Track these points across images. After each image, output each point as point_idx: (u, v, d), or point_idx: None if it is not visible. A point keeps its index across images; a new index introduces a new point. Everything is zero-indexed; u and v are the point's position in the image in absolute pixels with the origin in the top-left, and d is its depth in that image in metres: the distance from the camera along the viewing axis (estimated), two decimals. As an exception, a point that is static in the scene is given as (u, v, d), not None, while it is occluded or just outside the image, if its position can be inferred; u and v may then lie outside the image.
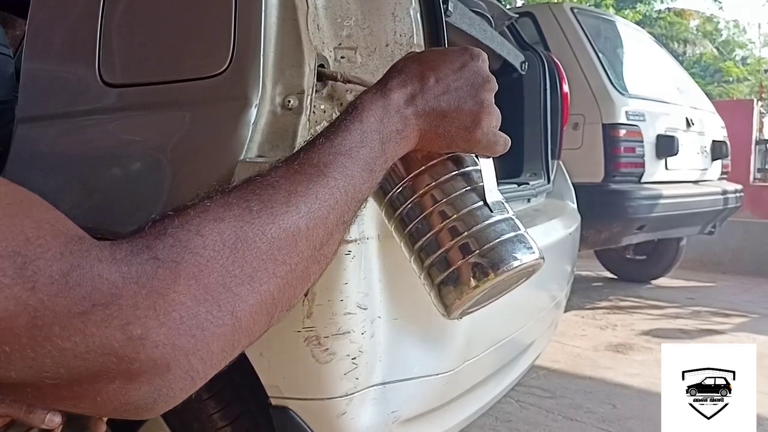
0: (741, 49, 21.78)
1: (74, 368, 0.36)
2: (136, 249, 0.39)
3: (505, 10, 2.03)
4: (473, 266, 0.59)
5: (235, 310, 0.41)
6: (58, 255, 0.36)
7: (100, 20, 1.01)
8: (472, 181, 0.63)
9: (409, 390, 0.97)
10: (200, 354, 0.40)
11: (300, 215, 0.46)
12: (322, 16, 0.92)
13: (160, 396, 0.40)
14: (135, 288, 0.37)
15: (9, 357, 0.35)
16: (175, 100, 0.95)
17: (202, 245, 0.41)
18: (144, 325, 0.37)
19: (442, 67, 0.59)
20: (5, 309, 0.34)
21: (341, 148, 0.51)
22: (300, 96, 0.88)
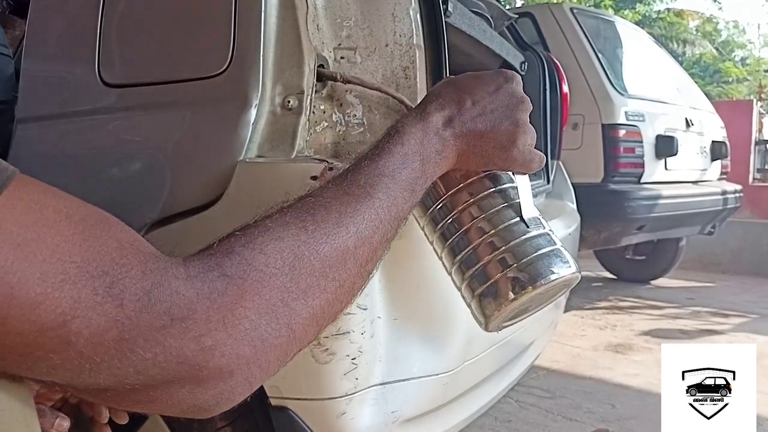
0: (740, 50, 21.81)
1: (152, 375, 0.40)
2: (207, 266, 0.43)
3: (504, 10, 2.03)
4: (512, 280, 0.62)
5: (291, 323, 0.45)
6: (140, 273, 0.39)
7: (100, 20, 1.01)
8: (509, 197, 0.65)
9: (409, 390, 0.97)
10: (259, 362, 0.44)
11: (349, 235, 0.49)
12: (322, 16, 0.92)
13: (221, 399, 0.44)
14: (207, 303, 0.41)
15: (99, 366, 0.38)
16: (175, 100, 0.95)
17: (264, 263, 0.44)
18: (214, 336, 0.41)
19: (478, 90, 0.62)
20: (98, 325, 0.37)
21: (385, 170, 0.54)
22: (300, 96, 0.88)
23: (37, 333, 0.36)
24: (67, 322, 0.36)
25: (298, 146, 0.88)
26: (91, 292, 0.37)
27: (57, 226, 0.37)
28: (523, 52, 1.99)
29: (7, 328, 0.35)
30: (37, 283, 0.35)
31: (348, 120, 0.94)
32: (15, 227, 0.36)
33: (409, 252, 0.94)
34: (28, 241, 0.36)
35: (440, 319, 1.01)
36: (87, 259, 0.37)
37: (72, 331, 0.36)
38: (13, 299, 0.35)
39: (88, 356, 0.37)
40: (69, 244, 0.37)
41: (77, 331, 0.37)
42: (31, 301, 0.35)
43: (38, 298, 0.35)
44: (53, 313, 0.36)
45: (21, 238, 0.35)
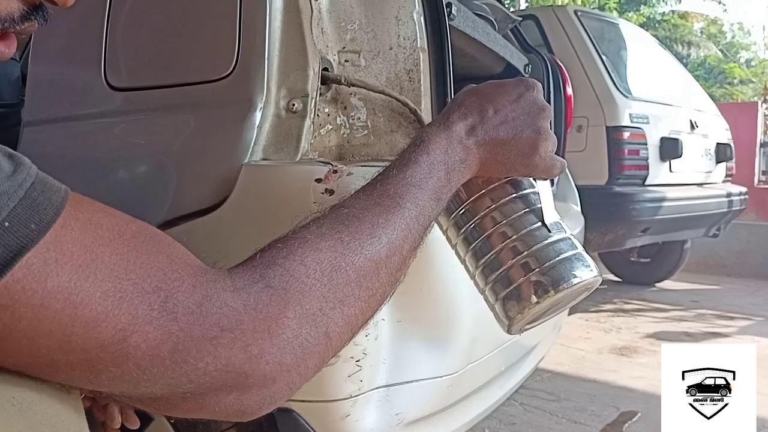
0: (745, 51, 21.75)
1: (202, 384, 0.42)
2: (252, 278, 0.45)
3: (508, 13, 2.03)
4: (535, 284, 0.63)
5: (328, 331, 0.47)
6: (191, 287, 0.41)
7: (106, 24, 1.02)
8: (530, 203, 0.66)
9: (413, 392, 0.97)
10: (299, 369, 0.46)
11: (381, 245, 0.51)
12: (326, 20, 0.93)
13: (264, 403, 0.46)
14: (254, 314, 0.43)
15: (155, 377, 0.40)
16: (180, 104, 0.96)
17: (305, 274, 0.46)
18: (260, 346, 0.43)
19: (500, 99, 0.63)
20: (154, 338, 0.39)
21: (412, 180, 0.56)
22: (304, 99, 0.89)
23: (100, 349, 0.38)
24: (126, 337, 0.38)
25: (302, 149, 0.89)
26: (147, 308, 0.39)
27: (112, 245, 0.39)
28: (527, 55, 1.99)
29: (71, 345, 0.37)
30: (98, 302, 0.37)
31: (352, 123, 0.94)
32: (75, 248, 0.37)
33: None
34: (88, 261, 0.37)
35: (444, 321, 1.01)
36: (142, 276, 0.39)
37: (131, 345, 0.38)
38: (77, 318, 0.36)
39: (145, 368, 0.39)
40: (125, 262, 0.39)
41: (136, 345, 0.38)
42: (93, 319, 0.37)
43: (100, 316, 0.37)
44: (114, 329, 0.37)
45: (81, 259, 0.37)
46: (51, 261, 0.36)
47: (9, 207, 0.35)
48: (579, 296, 0.70)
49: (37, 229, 0.35)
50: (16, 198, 0.35)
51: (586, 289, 0.68)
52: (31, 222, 0.35)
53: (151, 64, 1.00)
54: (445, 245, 0.95)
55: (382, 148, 0.95)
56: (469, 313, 1.05)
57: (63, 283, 0.36)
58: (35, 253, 0.35)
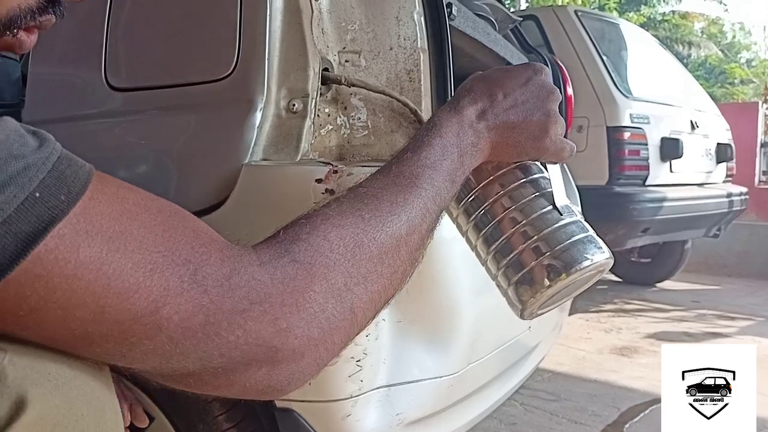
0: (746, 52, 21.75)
1: (233, 358, 0.42)
2: (278, 253, 0.45)
3: (508, 13, 2.04)
4: (547, 267, 0.63)
5: (353, 307, 0.47)
6: (219, 261, 0.42)
7: (107, 24, 1.02)
8: (540, 187, 0.66)
9: (414, 392, 0.97)
10: (326, 344, 0.46)
11: (401, 223, 0.52)
12: (327, 20, 0.93)
13: (293, 379, 0.46)
14: (281, 287, 0.43)
15: (187, 350, 0.40)
16: (181, 104, 0.96)
17: (329, 249, 0.47)
18: (288, 319, 0.43)
19: (509, 83, 0.64)
20: (186, 310, 0.39)
21: (427, 162, 0.56)
22: (304, 99, 0.89)
23: (133, 320, 0.38)
24: (159, 308, 0.38)
25: (302, 149, 0.89)
26: (177, 280, 0.39)
27: (139, 218, 0.39)
28: (528, 55, 2.00)
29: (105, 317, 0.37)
30: (130, 273, 0.37)
31: (352, 123, 0.94)
32: (104, 220, 0.37)
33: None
34: (117, 233, 0.38)
35: (444, 321, 1.01)
36: (170, 249, 0.40)
37: (163, 317, 0.39)
38: (110, 289, 0.37)
39: (177, 341, 0.39)
40: (153, 235, 0.39)
41: (168, 317, 0.39)
42: (126, 290, 0.37)
43: (132, 287, 0.37)
44: (146, 300, 0.38)
45: (111, 231, 0.37)
46: (82, 232, 0.36)
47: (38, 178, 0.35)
48: (592, 279, 0.71)
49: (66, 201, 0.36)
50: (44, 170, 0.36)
51: (598, 271, 0.68)
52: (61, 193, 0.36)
53: (151, 64, 1.01)
54: (445, 245, 0.96)
55: (382, 149, 0.95)
56: (469, 313, 1.05)
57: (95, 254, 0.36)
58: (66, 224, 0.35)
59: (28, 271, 0.34)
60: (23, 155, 0.35)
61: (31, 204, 0.34)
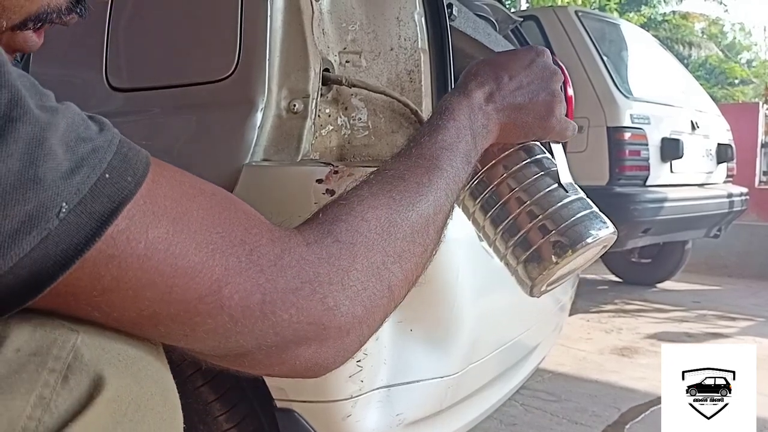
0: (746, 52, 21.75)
1: (286, 336, 0.43)
2: (321, 233, 0.46)
3: (509, 13, 2.03)
4: (554, 244, 0.65)
5: (391, 285, 0.49)
6: (270, 241, 0.43)
7: (108, 25, 1.02)
8: (544, 166, 0.68)
9: (414, 393, 0.97)
10: (369, 322, 0.47)
11: (428, 203, 0.53)
12: (327, 20, 0.93)
13: (338, 357, 0.47)
14: (327, 267, 0.44)
15: (244, 329, 0.41)
16: (182, 104, 0.96)
17: (368, 229, 0.48)
18: (335, 297, 0.44)
19: (513, 66, 0.65)
20: (245, 289, 0.40)
21: (444, 144, 0.58)
22: (305, 100, 0.89)
23: (198, 300, 0.39)
24: (221, 287, 0.39)
25: (303, 149, 0.89)
26: (236, 260, 0.40)
27: (197, 201, 0.40)
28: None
29: (173, 296, 0.38)
30: (194, 253, 0.38)
31: (353, 123, 0.94)
32: (167, 202, 0.38)
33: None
34: (179, 214, 0.39)
35: (445, 321, 1.01)
36: (227, 230, 0.41)
37: (225, 296, 0.40)
38: (177, 268, 0.38)
39: (237, 319, 0.40)
40: (210, 216, 0.40)
41: (229, 296, 0.40)
42: (191, 270, 0.38)
43: (197, 266, 0.38)
44: (209, 279, 0.39)
45: (174, 212, 0.38)
46: (149, 213, 0.37)
47: (107, 160, 0.36)
48: (597, 254, 0.72)
49: (133, 182, 0.37)
50: (110, 152, 0.36)
51: (603, 246, 0.70)
52: (127, 175, 0.37)
53: (152, 64, 1.01)
54: (446, 246, 0.96)
55: (383, 149, 0.95)
56: (470, 314, 1.05)
57: (162, 234, 0.37)
58: (134, 205, 0.36)
59: (102, 251, 0.35)
60: (90, 138, 0.36)
61: (103, 185, 0.35)
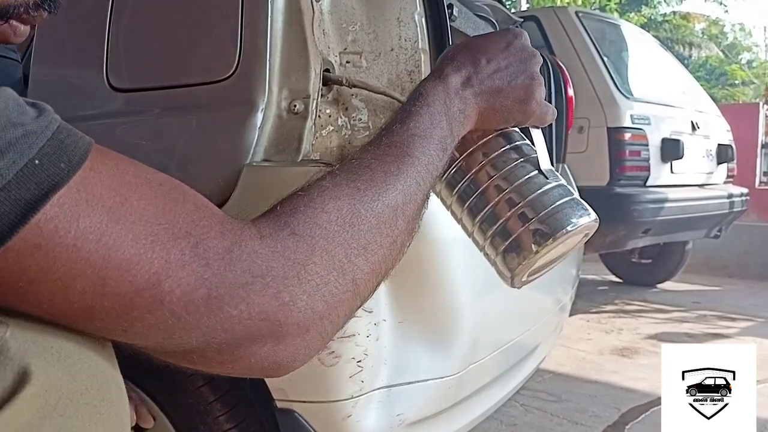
0: (747, 53, 21.75)
1: (237, 333, 0.41)
2: (277, 226, 0.45)
3: (509, 14, 2.03)
4: (534, 232, 0.62)
5: (355, 278, 0.47)
6: (220, 234, 0.41)
7: (108, 25, 1.02)
8: (524, 153, 0.66)
9: (415, 393, 0.97)
10: (331, 317, 0.46)
11: (397, 192, 0.52)
12: (328, 21, 0.93)
13: (298, 355, 0.46)
14: (282, 260, 0.43)
15: (190, 325, 0.40)
16: (182, 105, 0.96)
17: (327, 221, 0.47)
18: (291, 292, 0.43)
19: (491, 48, 0.63)
20: (188, 284, 0.39)
21: (417, 131, 0.56)
22: (306, 100, 0.89)
23: (134, 293, 0.37)
24: (160, 281, 0.38)
25: (304, 150, 0.89)
26: (179, 253, 0.39)
27: (140, 190, 0.39)
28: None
29: (106, 289, 0.37)
30: (130, 244, 0.37)
31: (354, 124, 0.94)
32: (104, 191, 0.37)
33: (414, 255, 0.94)
34: (117, 204, 0.37)
35: (445, 322, 1.01)
36: (171, 221, 0.39)
37: (165, 290, 0.38)
38: (110, 260, 0.36)
39: (179, 315, 0.39)
40: (154, 207, 0.39)
41: (170, 290, 0.38)
42: (127, 262, 0.37)
43: (133, 258, 0.37)
44: (147, 273, 0.37)
45: (111, 202, 0.37)
46: (82, 201, 0.36)
47: (38, 145, 0.35)
48: (579, 241, 0.70)
49: (66, 169, 0.35)
50: (44, 138, 0.35)
51: (584, 233, 0.68)
52: (61, 161, 0.35)
53: (153, 65, 1.01)
54: (446, 246, 0.96)
55: (383, 149, 0.95)
56: (470, 315, 1.05)
57: (95, 224, 0.36)
58: (66, 192, 0.35)
59: (28, 240, 0.34)
60: (22, 123, 0.35)
61: (31, 171, 0.34)
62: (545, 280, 0.73)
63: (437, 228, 0.91)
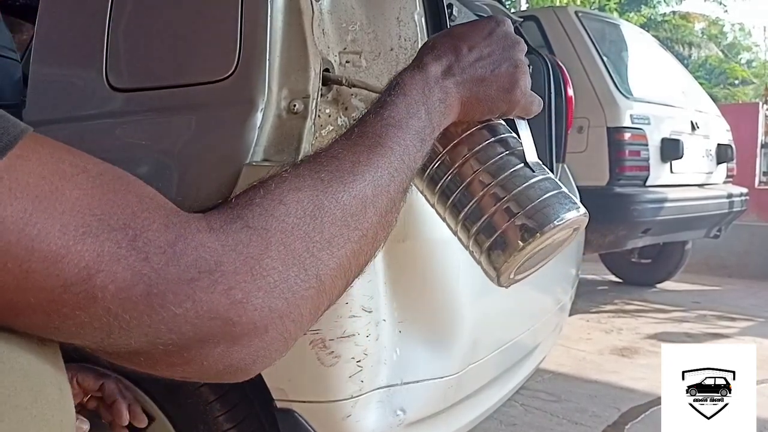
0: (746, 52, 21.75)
1: (185, 333, 0.39)
2: (229, 218, 0.42)
3: (509, 14, 2.04)
4: (520, 227, 0.60)
5: (319, 274, 0.44)
6: (163, 227, 0.38)
7: (108, 25, 1.02)
8: (510, 145, 0.63)
9: (414, 393, 0.97)
10: (293, 316, 0.43)
11: (366, 183, 0.49)
12: (328, 21, 0.93)
13: (258, 357, 0.43)
14: (234, 255, 0.40)
15: (129, 324, 0.37)
16: (182, 104, 0.96)
17: (285, 213, 0.44)
18: (244, 289, 0.40)
19: (473, 36, 0.61)
20: (123, 279, 0.36)
21: (391, 120, 0.54)
22: (305, 100, 0.89)
23: (62, 288, 0.35)
24: (91, 276, 0.35)
25: (303, 150, 0.89)
26: (114, 245, 0.36)
27: (75, 180, 0.36)
28: (528, 56, 1.98)
29: (30, 283, 0.35)
30: (57, 235, 0.35)
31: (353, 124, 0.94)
32: (32, 179, 0.35)
33: (414, 255, 0.94)
34: (46, 192, 0.35)
35: (445, 322, 1.01)
36: (108, 212, 0.37)
37: (97, 285, 0.36)
38: (34, 252, 0.34)
39: (116, 313, 0.37)
40: (88, 198, 0.36)
41: (102, 285, 0.36)
42: (53, 255, 0.35)
43: (60, 251, 0.35)
44: (76, 267, 0.35)
45: (39, 190, 0.35)
46: (4, 189, 0.33)
47: None
48: (567, 237, 0.67)
49: None
50: None
51: (573, 229, 0.65)
52: None
53: (152, 64, 1.01)
54: (445, 246, 0.96)
55: (383, 149, 0.95)
56: (470, 315, 1.05)
57: (17, 213, 0.33)
58: None
59: None
60: None
61: None
62: (545, 280, 0.73)
63: (437, 227, 0.91)
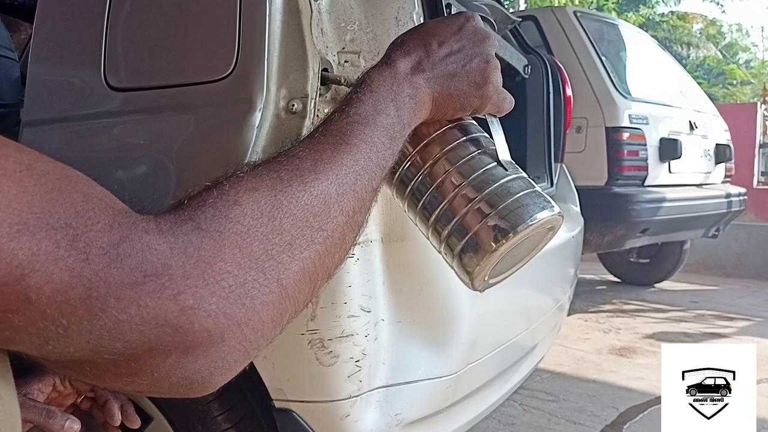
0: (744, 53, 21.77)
1: (131, 341, 0.36)
2: (179, 220, 0.40)
3: (507, 13, 2.03)
4: (492, 228, 0.58)
5: (281, 278, 0.42)
6: (107, 227, 0.36)
7: (106, 24, 1.02)
8: (481, 145, 0.62)
9: (413, 393, 0.97)
10: (252, 323, 0.40)
11: (329, 182, 0.47)
12: (326, 20, 0.93)
13: (216, 369, 0.40)
14: (183, 258, 0.38)
15: (67, 330, 0.35)
16: (180, 104, 0.96)
17: (241, 214, 0.42)
18: (195, 294, 0.38)
19: (442, 32, 0.60)
20: (61, 280, 0.34)
21: (357, 118, 0.52)
22: (304, 100, 0.89)
23: None
24: (24, 276, 0.33)
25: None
26: (52, 245, 0.34)
27: (16, 177, 0.34)
28: (527, 56, 2.00)
29: None
30: None
31: (352, 123, 0.94)
32: None
33: (412, 254, 0.94)
34: None
35: (444, 321, 1.01)
36: (48, 211, 0.34)
37: (31, 286, 0.33)
38: None
39: (53, 317, 0.34)
40: (29, 195, 0.34)
41: (37, 286, 0.33)
42: None
43: None
44: (8, 265, 0.33)
45: None
46: None
47: None
48: (542, 239, 0.66)
49: None
50: None
51: (548, 228, 0.63)
52: None
53: (150, 64, 1.00)
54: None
55: (381, 149, 0.95)
56: (468, 314, 1.05)
57: None
58: None
59: None
60: None
61: None
62: (543, 280, 0.73)
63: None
